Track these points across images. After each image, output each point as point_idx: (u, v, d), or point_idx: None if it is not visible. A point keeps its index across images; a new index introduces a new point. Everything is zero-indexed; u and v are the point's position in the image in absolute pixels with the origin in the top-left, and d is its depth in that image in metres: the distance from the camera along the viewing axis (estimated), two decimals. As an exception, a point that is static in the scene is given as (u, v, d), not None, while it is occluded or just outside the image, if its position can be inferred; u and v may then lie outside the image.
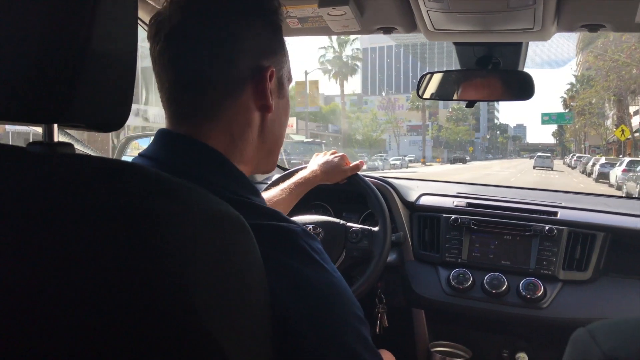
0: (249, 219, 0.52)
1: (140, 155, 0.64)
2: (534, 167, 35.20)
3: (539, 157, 37.77)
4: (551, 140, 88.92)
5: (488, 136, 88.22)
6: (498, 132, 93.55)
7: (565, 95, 50.90)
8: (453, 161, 49.26)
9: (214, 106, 0.63)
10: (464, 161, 49.57)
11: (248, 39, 0.64)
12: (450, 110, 62.74)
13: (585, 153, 41.66)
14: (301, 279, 0.56)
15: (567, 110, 46.58)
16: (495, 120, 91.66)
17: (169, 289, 0.43)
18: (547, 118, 39.24)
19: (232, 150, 0.65)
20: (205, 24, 0.62)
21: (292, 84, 0.77)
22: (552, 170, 33.60)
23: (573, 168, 34.07)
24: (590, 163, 25.58)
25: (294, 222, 0.60)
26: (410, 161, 43.92)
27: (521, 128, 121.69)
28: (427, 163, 45.94)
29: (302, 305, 0.54)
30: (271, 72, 0.66)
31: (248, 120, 0.66)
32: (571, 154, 43.37)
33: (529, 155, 77.24)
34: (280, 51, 0.69)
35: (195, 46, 0.62)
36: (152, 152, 0.63)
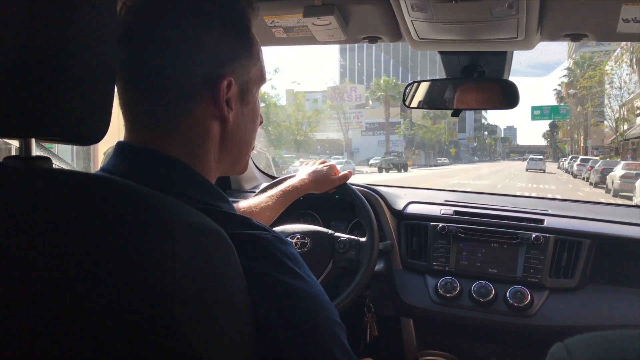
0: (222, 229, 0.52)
1: (102, 169, 0.62)
2: (526, 170, 32.84)
3: (532, 159, 35.87)
4: (542, 142, 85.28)
5: (474, 138, 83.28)
6: (486, 133, 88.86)
7: (558, 87, 43.93)
8: (383, 168, 32.64)
9: (170, 117, 0.61)
10: (404, 167, 33.39)
11: (205, 47, 0.61)
12: (426, 105, 55.99)
13: (586, 154, 32.55)
14: (276, 286, 0.56)
15: (562, 104, 39.25)
16: (483, 121, 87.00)
17: (150, 300, 0.43)
18: (539, 112, 32.79)
19: (193, 161, 0.63)
20: (158, 29, 0.59)
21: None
22: (544, 172, 31.22)
23: (575, 176, 24.93)
24: (619, 172, 15.19)
25: (264, 229, 0.60)
26: (374, 165, 33.82)
27: (511, 130, 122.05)
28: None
29: (280, 312, 0.55)
30: (228, 81, 0.62)
31: (206, 132, 0.63)
32: (569, 157, 34.41)
33: (519, 158, 74.46)
34: (245, 56, 0.65)
35: (147, 53, 0.59)
36: (113, 167, 0.61)
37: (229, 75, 0.62)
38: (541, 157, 39.48)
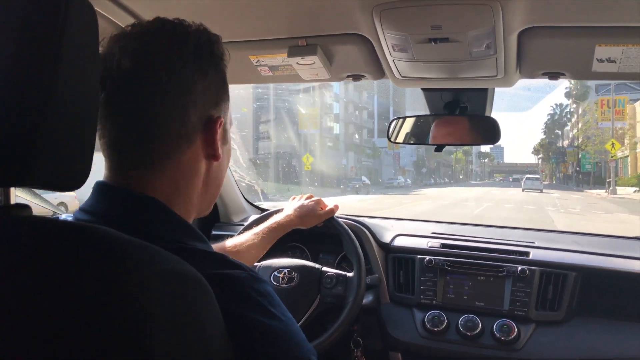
0: (197, 270, 0.52)
1: (80, 209, 0.62)
2: (523, 190, 30.08)
3: (528, 179, 33.56)
4: (531, 160, 72.07)
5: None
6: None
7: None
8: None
9: (162, 157, 0.62)
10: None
11: (200, 90, 0.63)
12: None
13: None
14: (250, 326, 0.56)
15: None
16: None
17: (128, 349, 0.43)
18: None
19: (177, 200, 0.64)
20: (157, 73, 0.60)
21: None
22: (542, 192, 28.08)
23: None
24: None
25: (240, 267, 0.60)
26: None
27: (498, 149, 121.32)
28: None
29: (252, 353, 0.54)
30: (220, 122, 0.65)
31: (195, 170, 0.65)
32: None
33: (501, 179, 64.58)
34: (226, 98, 0.69)
35: (146, 96, 0.60)
36: (91, 207, 0.61)
37: (221, 116, 0.66)
38: (538, 176, 37.74)
